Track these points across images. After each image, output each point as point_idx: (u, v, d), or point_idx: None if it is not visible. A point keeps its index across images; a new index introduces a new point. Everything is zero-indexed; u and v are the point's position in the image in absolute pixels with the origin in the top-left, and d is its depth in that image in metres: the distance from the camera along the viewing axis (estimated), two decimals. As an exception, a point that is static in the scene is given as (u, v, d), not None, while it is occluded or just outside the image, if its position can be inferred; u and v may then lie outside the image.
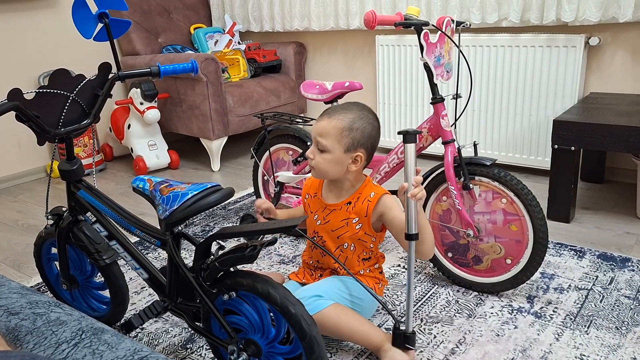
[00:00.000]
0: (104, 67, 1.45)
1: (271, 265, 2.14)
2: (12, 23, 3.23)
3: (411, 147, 1.42)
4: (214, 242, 1.28)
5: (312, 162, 1.53)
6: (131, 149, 3.45)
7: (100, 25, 1.41)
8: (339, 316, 1.50)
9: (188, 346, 1.65)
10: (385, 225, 1.58)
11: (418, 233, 1.41)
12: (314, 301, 1.48)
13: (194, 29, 3.83)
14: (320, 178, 1.61)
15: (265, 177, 2.44)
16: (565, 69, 2.69)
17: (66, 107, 1.42)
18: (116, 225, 1.51)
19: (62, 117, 1.42)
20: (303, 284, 1.69)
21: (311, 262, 1.70)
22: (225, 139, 3.39)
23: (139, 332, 1.74)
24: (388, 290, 1.91)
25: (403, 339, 1.50)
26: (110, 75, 1.45)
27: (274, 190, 2.34)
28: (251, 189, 2.97)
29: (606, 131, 2.17)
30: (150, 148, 3.42)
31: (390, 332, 1.54)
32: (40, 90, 1.36)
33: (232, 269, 1.29)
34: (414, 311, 1.77)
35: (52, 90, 1.38)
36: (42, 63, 3.36)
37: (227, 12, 3.95)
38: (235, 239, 2.22)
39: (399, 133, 1.43)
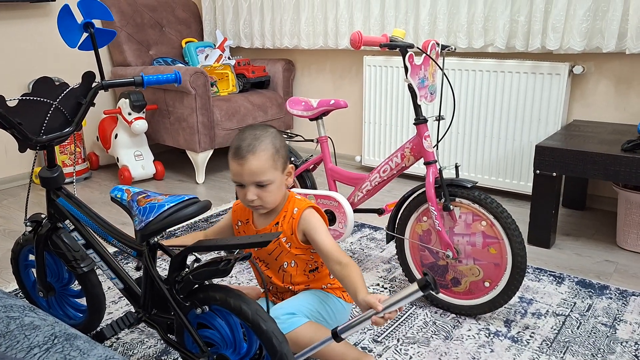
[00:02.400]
0: (88, 76, 1.45)
1: (250, 280, 2.13)
2: (4, 30, 3.23)
3: (416, 293, 1.21)
4: (190, 255, 1.28)
5: (257, 201, 1.47)
6: (117, 158, 3.44)
7: (85, 35, 1.41)
8: (313, 334, 1.47)
9: (162, 358, 1.64)
10: (311, 244, 1.53)
11: (343, 339, 1.31)
12: (287, 319, 1.47)
13: (185, 43, 3.86)
14: (268, 210, 1.53)
15: (249, 192, 2.44)
16: (549, 96, 2.73)
17: (49, 115, 1.42)
18: (94, 234, 1.50)
19: (45, 125, 1.42)
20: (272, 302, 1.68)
21: (271, 288, 1.66)
22: (211, 152, 3.39)
23: (114, 342, 1.72)
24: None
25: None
26: (94, 84, 1.46)
27: (257, 206, 2.33)
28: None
29: (588, 158, 2.19)
30: (136, 158, 3.42)
31: (366, 351, 1.53)
32: (23, 98, 1.36)
33: (206, 283, 1.29)
34: (392, 330, 1.77)
35: (35, 98, 1.38)
36: (33, 70, 3.36)
37: (219, 27, 3.99)
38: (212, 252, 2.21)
39: (424, 273, 1.20)
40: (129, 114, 3.27)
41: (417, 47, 1.80)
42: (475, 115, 2.98)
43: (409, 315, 1.86)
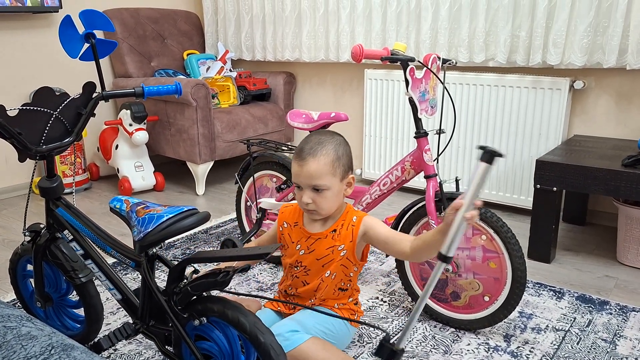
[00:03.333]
0: (88, 87, 1.46)
1: (249, 292, 2.12)
2: (7, 40, 3.24)
3: (487, 168, 1.20)
4: (188, 266, 1.27)
5: (311, 205, 1.49)
6: (117, 169, 3.44)
7: (86, 46, 1.42)
8: (317, 350, 1.48)
9: (159, 371, 1.63)
10: (371, 241, 1.55)
11: (452, 257, 1.26)
12: (291, 336, 1.46)
13: (187, 55, 3.88)
14: (323, 217, 1.56)
15: (248, 203, 2.44)
16: (550, 111, 2.74)
17: (49, 125, 1.42)
18: (92, 244, 1.49)
19: (45, 135, 1.42)
20: (278, 312, 1.68)
21: (289, 290, 1.68)
22: (211, 164, 3.39)
23: (112, 353, 1.71)
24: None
25: (389, 353, 1.35)
26: (94, 95, 1.46)
27: (256, 216, 2.33)
28: (234, 214, 2.97)
29: (588, 173, 2.19)
30: (137, 169, 3.42)
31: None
32: (24, 108, 1.37)
33: (204, 294, 1.28)
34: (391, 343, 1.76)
35: (35, 108, 1.38)
36: (35, 80, 3.37)
37: (221, 40, 4.01)
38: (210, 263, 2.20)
39: (480, 148, 1.21)
40: (130, 125, 3.28)
41: (418, 61, 1.81)
42: (475, 129, 2.98)
43: (408, 330, 1.85)
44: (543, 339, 1.80)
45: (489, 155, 1.19)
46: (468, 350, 1.73)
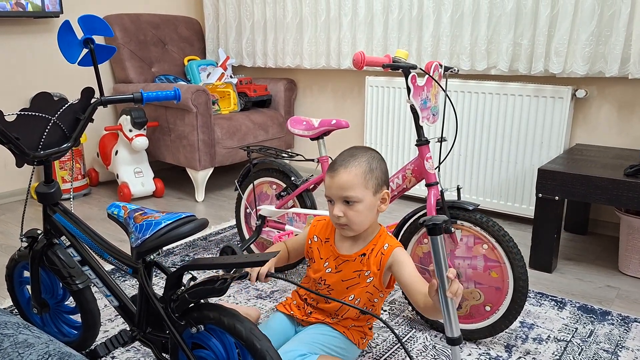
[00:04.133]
0: (87, 92, 1.45)
1: (248, 300, 2.10)
2: (8, 44, 3.24)
3: (438, 240, 1.24)
4: (186, 273, 1.26)
5: (343, 219, 1.45)
6: (117, 175, 3.43)
7: (85, 51, 1.41)
8: None
9: (156, 379, 1.61)
10: (395, 278, 1.52)
11: (461, 336, 1.28)
12: None
13: (188, 61, 3.88)
14: (356, 233, 1.51)
15: (248, 210, 2.42)
16: (552, 119, 2.73)
17: (47, 130, 1.41)
18: (90, 250, 1.48)
19: (42, 140, 1.41)
20: (290, 317, 1.66)
21: (310, 301, 1.64)
22: (211, 170, 3.38)
23: (108, 362, 1.69)
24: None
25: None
26: (93, 100, 1.45)
27: (256, 224, 2.32)
28: (233, 221, 2.95)
29: (590, 183, 2.18)
30: (136, 175, 3.40)
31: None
32: (22, 113, 1.36)
33: (202, 301, 1.26)
34: (392, 353, 1.74)
35: (33, 113, 1.37)
36: (36, 85, 3.37)
37: (222, 46, 4.01)
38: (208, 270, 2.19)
39: (423, 224, 1.25)
40: (130, 130, 3.27)
41: (420, 68, 1.80)
42: (477, 138, 2.97)
43: (408, 339, 1.83)
44: (544, 349, 1.78)
45: (432, 227, 1.22)
46: (469, 361, 1.71)
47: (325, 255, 1.59)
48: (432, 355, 1.74)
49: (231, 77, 3.81)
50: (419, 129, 1.83)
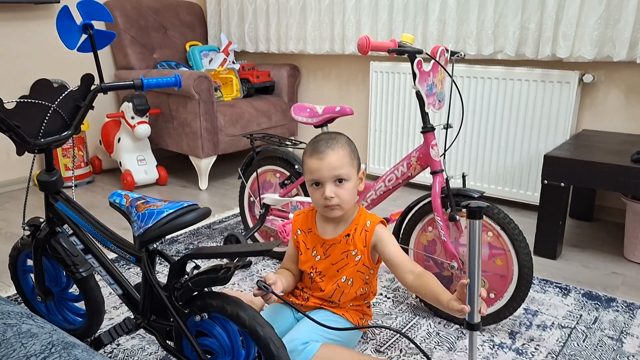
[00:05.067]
0: (87, 79, 1.43)
1: (252, 288, 2.10)
2: (8, 31, 3.22)
3: (477, 225, 1.25)
4: (189, 262, 1.25)
5: (335, 199, 1.47)
6: (120, 162, 3.42)
7: (84, 36, 1.39)
8: (330, 355, 1.48)
9: (162, 366, 1.61)
10: (380, 255, 1.55)
11: (480, 323, 1.30)
12: (303, 349, 1.46)
13: (190, 46, 3.85)
14: (343, 212, 1.53)
15: (252, 198, 2.41)
16: (559, 105, 2.70)
17: (47, 118, 1.39)
18: (92, 239, 1.47)
19: (43, 128, 1.40)
20: (289, 304, 1.66)
21: (306, 290, 1.66)
22: (214, 158, 3.36)
23: (115, 348, 1.69)
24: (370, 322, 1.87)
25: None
26: (93, 87, 1.43)
27: (260, 212, 2.31)
28: (237, 210, 2.94)
29: (596, 169, 2.16)
30: (139, 163, 3.39)
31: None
32: (21, 100, 1.34)
33: (205, 290, 1.26)
34: (395, 340, 1.74)
35: (33, 100, 1.36)
36: (35, 72, 3.34)
37: (224, 31, 3.97)
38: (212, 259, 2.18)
39: (466, 207, 1.26)
40: (132, 117, 3.25)
41: (426, 53, 1.78)
42: (483, 124, 2.95)
43: (412, 326, 1.83)
44: (549, 336, 1.77)
45: (476, 209, 1.25)
46: (473, 348, 1.71)
47: (311, 245, 1.61)
48: (435, 342, 1.73)
49: (233, 62, 3.78)
50: (424, 115, 1.81)
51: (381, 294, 2.04)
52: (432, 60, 1.77)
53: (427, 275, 1.44)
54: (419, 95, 1.78)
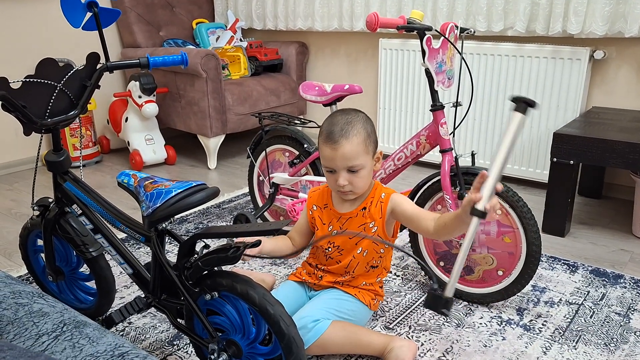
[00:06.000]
0: (92, 57, 1.42)
1: (262, 266, 2.11)
2: (12, 11, 3.21)
3: (521, 119, 1.16)
4: (199, 241, 1.26)
5: (348, 187, 1.48)
6: (128, 142, 3.43)
7: (89, 15, 1.38)
8: (340, 332, 1.50)
9: (175, 342, 1.63)
10: (397, 218, 1.55)
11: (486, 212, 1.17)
12: (313, 326, 1.48)
13: (196, 24, 3.81)
14: (357, 195, 1.55)
15: (261, 178, 2.41)
16: (569, 82, 2.67)
17: (53, 98, 1.39)
18: (101, 219, 1.48)
19: (49, 108, 1.39)
20: (302, 283, 1.69)
21: (320, 266, 1.67)
22: (222, 137, 3.36)
23: (126, 326, 1.72)
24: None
25: (443, 302, 1.24)
26: (99, 66, 1.43)
27: (269, 191, 2.31)
28: (247, 189, 2.95)
29: (606, 146, 2.14)
30: (147, 142, 3.40)
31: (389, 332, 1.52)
32: (27, 80, 1.34)
33: (215, 269, 1.27)
34: (404, 317, 1.75)
35: (39, 80, 1.35)
36: (42, 51, 3.34)
37: (231, 8, 3.93)
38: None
39: (512, 100, 1.18)
40: (140, 97, 3.25)
41: (436, 30, 1.75)
42: (492, 101, 2.92)
43: (421, 303, 1.84)
44: (556, 312, 1.78)
45: (523, 106, 1.16)
46: (481, 324, 1.72)
47: (327, 220, 1.62)
48: (444, 319, 1.75)
49: (241, 40, 3.75)
50: (433, 93, 1.80)
51: (390, 272, 2.05)
52: (442, 37, 1.75)
53: (443, 214, 1.42)
54: (428, 73, 1.76)
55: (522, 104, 1.16)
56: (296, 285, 1.69)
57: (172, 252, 2.21)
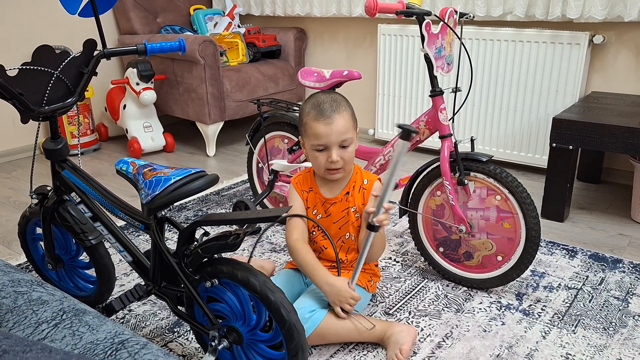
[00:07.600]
0: (89, 44, 1.40)
1: (262, 253, 2.12)
2: (9, -3, 3.18)
3: (404, 146, 1.34)
4: (198, 228, 1.26)
5: (340, 162, 1.50)
6: (126, 129, 3.42)
7: (85, 1, 1.37)
8: (338, 321, 1.51)
9: (175, 330, 1.64)
10: None
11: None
12: (310, 316, 1.49)
13: (194, 10, 3.78)
14: (347, 172, 1.58)
15: (260, 165, 2.41)
16: (568, 67, 2.66)
17: (50, 85, 1.38)
18: (100, 206, 1.48)
19: (46, 95, 1.38)
20: (298, 270, 1.69)
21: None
22: (221, 124, 3.35)
23: (126, 314, 1.72)
24: (379, 284, 1.88)
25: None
26: (96, 53, 1.41)
27: (268, 178, 2.31)
28: (246, 176, 2.95)
29: (605, 131, 2.14)
30: (146, 130, 3.39)
31: (382, 317, 1.52)
32: (24, 67, 1.33)
33: (215, 256, 1.27)
34: (404, 303, 1.75)
35: (36, 68, 1.34)
36: (38, 38, 3.31)
37: (228, -6, 3.90)
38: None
39: (398, 126, 1.35)
40: (137, 84, 3.23)
41: (435, 15, 1.74)
42: (491, 87, 2.91)
43: (420, 289, 1.84)
44: (555, 297, 1.79)
45: (406, 133, 1.31)
46: (480, 309, 1.72)
47: (312, 204, 1.63)
48: (443, 304, 1.75)
49: (239, 26, 3.72)
50: (433, 78, 1.79)
51: (390, 258, 2.06)
52: (441, 22, 1.74)
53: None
54: (427, 58, 1.75)
55: (406, 131, 1.31)
56: (293, 272, 1.69)
57: (171, 239, 2.21)
